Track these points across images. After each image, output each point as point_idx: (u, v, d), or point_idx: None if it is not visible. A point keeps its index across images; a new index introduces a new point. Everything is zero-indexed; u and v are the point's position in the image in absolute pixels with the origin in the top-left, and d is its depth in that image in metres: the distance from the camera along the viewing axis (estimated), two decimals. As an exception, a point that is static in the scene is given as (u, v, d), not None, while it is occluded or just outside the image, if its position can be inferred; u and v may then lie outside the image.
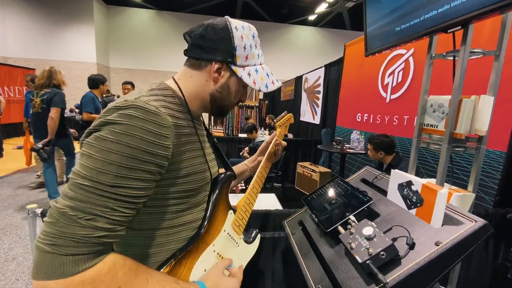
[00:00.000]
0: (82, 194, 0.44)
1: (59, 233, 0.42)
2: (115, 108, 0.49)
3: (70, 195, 0.44)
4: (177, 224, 0.62)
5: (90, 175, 0.45)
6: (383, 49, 1.22)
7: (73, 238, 0.42)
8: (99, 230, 0.44)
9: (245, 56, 0.65)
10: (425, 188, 0.69)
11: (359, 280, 0.61)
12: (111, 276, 0.44)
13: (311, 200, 0.97)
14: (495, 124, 1.69)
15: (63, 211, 0.43)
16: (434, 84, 1.16)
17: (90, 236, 0.43)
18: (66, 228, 0.42)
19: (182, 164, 0.58)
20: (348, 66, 4.09)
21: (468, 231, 0.57)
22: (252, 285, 1.40)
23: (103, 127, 0.48)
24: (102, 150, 0.46)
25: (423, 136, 1.09)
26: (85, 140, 0.48)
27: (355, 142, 3.24)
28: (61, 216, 0.43)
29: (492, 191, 1.87)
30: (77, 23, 10.37)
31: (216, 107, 0.68)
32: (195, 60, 0.64)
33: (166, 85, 0.62)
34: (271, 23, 12.79)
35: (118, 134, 0.47)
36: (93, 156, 0.46)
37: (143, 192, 0.49)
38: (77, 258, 0.42)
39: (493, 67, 0.94)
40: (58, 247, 0.42)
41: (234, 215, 0.77)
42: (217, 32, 0.62)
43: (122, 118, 0.48)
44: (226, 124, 7.91)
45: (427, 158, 2.43)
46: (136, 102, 0.50)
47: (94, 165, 0.45)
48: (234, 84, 0.67)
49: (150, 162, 0.49)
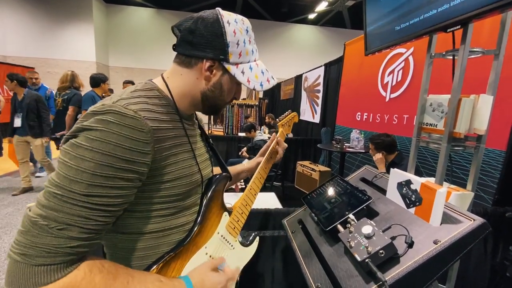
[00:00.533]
0: (54, 203, 0.42)
1: (30, 243, 0.41)
2: (92, 113, 0.48)
3: (43, 203, 0.43)
4: (168, 227, 0.60)
5: (63, 183, 0.43)
6: (383, 48, 1.22)
7: (44, 249, 0.41)
8: (73, 239, 0.42)
9: (239, 52, 0.61)
10: (424, 187, 0.69)
11: (358, 278, 0.61)
12: (88, 281, 0.43)
13: (310, 199, 0.97)
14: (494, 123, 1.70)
15: (35, 220, 0.42)
16: (434, 84, 1.17)
17: (63, 246, 0.42)
18: (37, 238, 0.41)
19: (167, 169, 0.56)
20: (348, 65, 4.08)
21: (466, 229, 0.58)
22: (252, 284, 1.41)
23: (80, 133, 0.46)
24: (76, 157, 0.44)
25: (422, 135, 1.09)
26: (63, 147, 0.47)
27: (355, 141, 3.24)
28: (32, 225, 0.41)
29: (491, 190, 1.87)
30: (77, 21, 10.33)
31: (208, 106, 0.65)
32: (185, 57, 0.60)
33: (152, 85, 0.59)
34: (270, 22, 12.76)
35: (93, 141, 0.45)
36: (67, 164, 0.44)
37: (120, 200, 0.48)
38: (49, 268, 0.41)
39: (493, 66, 0.95)
40: (28, 257, 0.40)
41: (229, 217, 0.75)
42: (208, 27, 0.57)
43: (98, 124, 0.46)
44: (226, 123, 7.91)
45: (427, 157, 2.43)
46: (113, 106, 0.48)
47: (68, 173, 0.44)
48: (227, 82, 0.63)
49: (127, 170, 0.47)
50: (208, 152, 0.75)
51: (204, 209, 0.67)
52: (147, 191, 0.54)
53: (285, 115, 1.02)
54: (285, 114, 1.02)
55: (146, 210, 0.57)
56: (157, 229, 0.59)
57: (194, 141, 0.67)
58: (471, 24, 0.86)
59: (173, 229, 0.61)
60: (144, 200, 0.55)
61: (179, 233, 0.62)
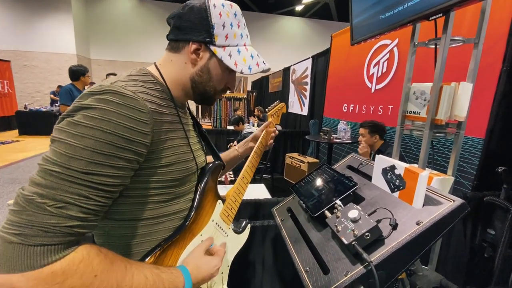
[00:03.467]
0: (52, 181, 0.41)
1: (26, 222, 0.39)
2: (90, 93, 0.47)
3: (38, 181, 0.41)
4: (162, 214, 0.60)
5: (61, 161, 0.42)
6: (368, 37, 1.23)
7: (42, 228, 0.39)
8: (71, 219, 0.41)
9: (225, 35, 0.60)
10: (407, 171, 0.71)
11: (345, 261, 0.63)
12: (85, 265, 0.42)
13: (299, 188, 0.98)
14: (474, 112, 1.76)
15: (30, 198, 0.40)
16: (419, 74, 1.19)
17: (61, 226, 0.40)
18: (34, 216, 0.39)
19: (164, 153, 0.56)
20: (335, 57, 4.11)
21: (446, 210, 0.60)
22: (243, 273, 1.43)
23: (77, 112, 0.45)
24: (75, 135, 0.43)
25: (406, 123, 1.12)
26: (57, 126, 0.45)
27: (342, 132, 3.29)
28: (28, 204, 0.39)
29: (471, 176, 1.96)
30: (55, 12, 9.83)
31: (199, 93, 0.64)
32: (174, 42, 0.61)
33: (146, 71, 0.59)
34: (257, 13, 12.61)
35: (93, 119, 0.44)
36: (65, 141, 0.43)
37: (118, 181, 0.47)
38: (46, 248, 0.39)
39: (472, 55, 0.98)
40: (25, 236, 0.38)
41: (223, 205, 0.76)
42: (194, 11, 0.59)
43: (97, 103, 0.45)
44: (214, 116, 7.83)
45: (411, 146, 2.51)
46: (112, 87, 0.47)
47: (66, 151, 0.42)
48: (215, 67, 0.62)
49: (127, 149, 0.47)
50: (200, 142, 0.75)
51: (199, 197, 0.67)
52: (142, 175, 0.54)
53: (274, 105, 1.05)
54: (273, 105, 1.05)
55: (140, 196, 0.56)
56: (151, 216, 0.58)
57: (188, 129, 0.66)
58: (453, 13, 0.88)
59: (167, 216, 0.61)
60: (139, 185, 0.54)
61: (173, 221, 0.62)
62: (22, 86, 9.79)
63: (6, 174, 4.24)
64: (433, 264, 1.16)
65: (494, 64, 1.79)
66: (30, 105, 9.13)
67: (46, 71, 10.00)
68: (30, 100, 9.82)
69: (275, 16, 12.91)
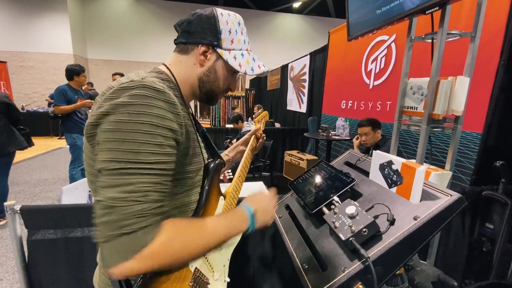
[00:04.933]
0: (127, 178, 0.45)
1: (122, 217, 0.44)
2: (122, 89, 0.50)
3: (114, 183, 0.45)
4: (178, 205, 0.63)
5: (129, 158, 0.46)
6: (365, 32, 1.22)
7: (136, 215, 0.44)
8: (156, 202, 0.47)
9: (231, 40, 0.67)
10: (404, 166, 0.71)
11: (343, 257, 0.63)
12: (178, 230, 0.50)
13: (297, 185, 0.98)
14: (471, 107, 1.76)
15: (114, 199, 0.44)
16: (417, 70, 1.19)
17: (151, 208, 0.46)
18: (126, 210, 0.44)
19: (187, 144, 0.60)
20: (333, 53, 4.10)
21: (444, 204, 0.60)
22: (242, 270, 1.43)
23: (117, 110, 0.48)
24: (130, 132, 0.47)
25: (403, 118, 1.12)
26: (103, 128, 0.48)
27: (341, 129, 3.29)
28: (115, 204, 0.44)
29: (469, 171, 1.96)
30: (50, 11, 9.75)
31: (205, 92, 0.70)
32: (183, 45, 0.67)
33: (160, 70, 0.64)
34: (255, 11, 12.55)
35: (139, 115, 0.48)
36: (121, 140, 0.47)
37: (171, 166, 0.52)
38: (147, 228, 0.45)
39: (469, 49, 0.97)
40: (127, 227, 0.44)
41: (224, 201, 0.78)
42: (203, 18, 0.65)
43: (136, 99, 0.48)
44: (212, 115, 7.82)
45: (409, 142, 2.51)
46: (144, 82, 0.51)
47: (130, 148, 0.46)
48: (221, 68, 0.68)
49: (170, 138, 0.51)
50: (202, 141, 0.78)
51: (207, 192, 0.70)
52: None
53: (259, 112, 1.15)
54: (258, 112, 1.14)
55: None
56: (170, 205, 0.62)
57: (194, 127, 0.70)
58: (449, 6, 0.87)
59: (179, 208, 0.64)
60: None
61: (183, 213, 0.66)
62: (19, 87, 9.73)
63: (4, 175, 4.21)
64: (432, 259, 1.16)
65: (492, 58, 1.79)
66: (27, 106, 9.09)
67: (42, 71, 9.94)
68: (28, 101, 9.77)
69: (272, 13, 12.85)
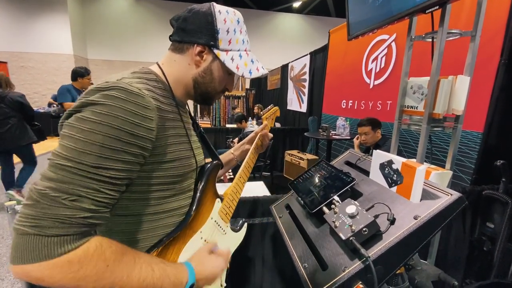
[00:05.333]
0: (63, 175, 0.43)
1: (41, 214, 0.41)
2: (96, 89, 0.48)
3: (50, 176, 0.43)
4: (164, 210, 0.61)
5: (72, 155, 0.43)
6: (365, 32, 1.22)
7: (57, 219, 0.41)
8: (84, 211, 0.43)
9: (228, 40, 0.63)
10: (404, 166, 0.71)
11: (343, 256, 0.63)
12: (99, 254, 0.44)
13: (297, 184, 0.98)
14: (472, 106, 1.76)
15: (44, 192, 0.41)
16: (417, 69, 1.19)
17: (76, 217, 0.42)
18: (48, 209, 0.41)
19: (167, 149, 0.57)
20: (333, 53, 4.09)
21: (444, 204, 0.60)
22: (242, 271, 1.43)
23: (84, 108, 0.46)
24: (84, 130, 0.45)
25: (404, 118, 1.12)
26: (66, 122, 0.47)
27: (341, 129, 3.29)
28: (42, 197, 0.41)
29: (469, 170, 1.96)
30: (51, 12, 9.75)
31: (200, 93, 0.67)
32: (178, 43, 0.64)
33: (149, 70, 0.61)
34: (255, 11, 12.54)
35: (101, 115, 0.45)
36: (75, 137, 0.44)
37: (126, 174, 0.48)
38: (62, 238, 0.41)
39: (469, 48, 0.97)
40: (41, 228, 0.40)
41: (221, 203, 0.77)
42: (200, 16, 0.61)
43: (104, 99, 0.46)
44: (213, 115, 7.82)
45: (409, 141, 2.50)
46: (118, 83, 0.49)
47: (76, 146, 0.44)
48: (217, 69, 0.65)
49: (133, 144, 0.48)
50: (199, 141, 0.77)
51: (200, 194, 0.69)
52: (146, 171, 0.55)
53: (268, 109, 1.10)
54: (268, 108, 1.10)
55: (143, 191, 0.57)
56: (153, 211, 0.60)
57: (188, 127, 0.68)
58: (449, 5, 0.87)
59: (167, 213, 0.62)
60: (142, 180, 0.56)
61: (173, 217, 0.63)
62: (20, 88, 9.72)
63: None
64: (432, 258, 1.16)
65: (492, 57, 1.79)
66: (28, 107, 9.09)
67: (43, 72, 9.94)
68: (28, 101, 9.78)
69: (272, 13, 12.84)
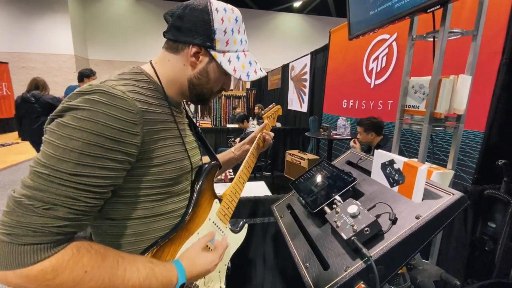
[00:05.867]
0: (40, 183, 0.41)
1: (15, 223, 0.40)
2: (79, 93, 0.47)
3: (27, 183, 0.42)
4: (158, 213, 0.60)
5: (50, 163, 0.42)
6: (366, 31, 1.22)
7: (30, 228, 0.40)
8: (59, 219, 0.42)
9: (226, 41, 0.60)
10: (406, 165, 0.71)
11: (345, 256, 0.62)
12: (75, 261, 0.43)
13: (298, 184, 0.98)
14: (473, 105, 1.75)
15: (19, 200, 0.41)
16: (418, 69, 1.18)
17: (49, 226, 0.41)
18: (23, 217, 0.40)
19: (156, 152, 0.55)
20: (334, 52, 4.09)
21: (446, 203, 0.60)
22: (243, 271, 1.43)
23: (66, 113, 0.45)
24: (63, 137, 0.43)
25: (405, 118, 1.11)
26: (48, 127, 0.46)
27: (342, 128, 3.28)
28: (17, 205, 0.41)
29: (471, 170, 1.95)
30: (51, 12, 9.78)
31: (195, 94, 0.64)
32: (173, 42, 0.61)
33: (140, 70, 0.59)
34: (256, 10, 12.55)
35: (81, 120, 0.44)
36: (54, 143, 0.43)
37: (109, 181, 0.47)
38: (35, 247, 0.40)
39: (471, 47, 0.97)
40: (15, 236, 0.40)
41: (219, 204, 0.76)
42: (195, 13, 0.58)
43: (85, 104, 0.45)
44: (213, 115, 7.82)
45: (410, 141, 2.50)
46: (101, 86, 0.47)
47: (54, 153, 0.43)
48: (213, 71, 0.62)
49: (115, 150, 0.46)
50: (196, 141, 0.75)
51: (196, 196, 0.67)
52: (136, 175, 0.54)
53: (270, 107, 1.07)
54: (269, 107, 1.07)
55: (135, 195, 0.56)
56: (146, 215, 0.58)
57: (183, 128, 0.66)
58: (450, 4, 0.87)
59: (162, 216, 0.61)
60: (133, 184, 0.54)
61: (168, 220, 0.62)
62: (21, 88, 9.72)
63: (6, 176, 4.25)
64: (434, 258, 1.16)
65: (494, 56, 1.78)
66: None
67: (44, 72, 9.96)
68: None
69: (273, 13, 12.84)
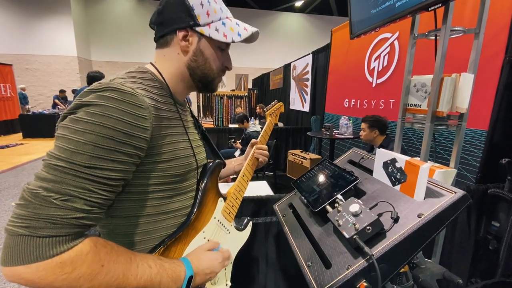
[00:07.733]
0: (56, 175, 0.42)
1: (33, 215, 0.40)
2: (90, 91, 0.48)
3: (43, 176, 0.42)
4: (165, 211, 0.61)
5: (65, 156, 0.43)
6: (368, 30, 1.22)
7: (49, 220, 0.40)
8: (77, 211, 0.42)
9: (206, 12, 0.60)
10: (408, 164, 0.71)
11: (347, 255, 0.63)
12: (93, 255, 0.44)
13: (300, 183, 0.98)
14: (476, 104, 1.74)
15: (36, 192, 0.41)
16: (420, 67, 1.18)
17: (68, 217, 0.41)
18: (40, 209, 0.40)
19: (164, 148, 0.57)
20: (335, 52, 4.08)
21: (448, 202, 0.60)
22: (246, 270, 1.43)
23: (78, 110, 0.46)
24: (77, 131, 0.44)
25: (407, 116, 1.11)
26: (60, 123, 0.47)
27: (344, 128, 3.28)
28: (34, 198, 0.41)
29: (474, 168, 1.94)
30: (54, 14, 9.85)
31: (198, 79, 0.65)
32: (162, 38, 0.62)
33: (145, 69, 0.60)
34: (257, 10, 12.55)
35: (93, 115, 0.45)
36: (67, 137, 0.44)
37: (121, 175, 0.48)
38: (54, 240, 0.40)
39: (473, 45, 0.96)
40: (33, 229, 0.39)
41: (224, 202, 0.77)
42: (171, 2, 0.60)
43: (98, 99, 0.46)
44: (215, 115, 7.84)
45: (413, 140, 2.49)
46: (111, 84, 0.49)
47: (69, 146, 0.44)
48: (207, 47, 0.62)
49: (127, 144, 0.48)
50: (201, 139, 0.76)
51: (202, 194, 0.68)
52: (144, 171, 0.55)
53: (272, 105, 1.07)
54: (272, 104, 1.07)
55: (143, 192, 0.57)
56: (153, 212, 0.59)
57: (188, 126, 0.67)
58: (452, 2, 0.87)
59: (170, 213, 0.62)
60: (140, 181, 0.55)
61: (176, 218, 0.63)
62: (25, 90, 9.85)
63: (11, 177, 4.29)
64: (437, 257, 1.15)
65: (497, 54, 1.77)
66: (33, 108, 9.20)
67: (47, 74, 10.06)
68: (33, 103, 9.89)
69: (274, 12, 12.83)
